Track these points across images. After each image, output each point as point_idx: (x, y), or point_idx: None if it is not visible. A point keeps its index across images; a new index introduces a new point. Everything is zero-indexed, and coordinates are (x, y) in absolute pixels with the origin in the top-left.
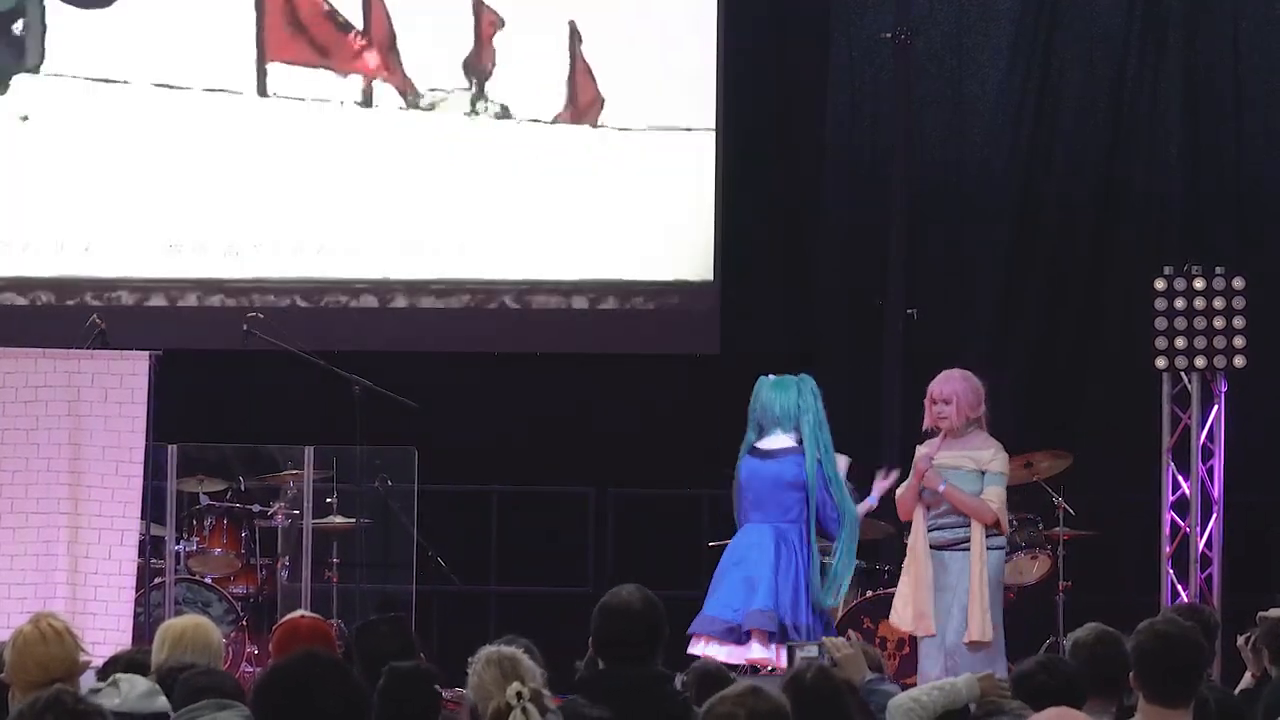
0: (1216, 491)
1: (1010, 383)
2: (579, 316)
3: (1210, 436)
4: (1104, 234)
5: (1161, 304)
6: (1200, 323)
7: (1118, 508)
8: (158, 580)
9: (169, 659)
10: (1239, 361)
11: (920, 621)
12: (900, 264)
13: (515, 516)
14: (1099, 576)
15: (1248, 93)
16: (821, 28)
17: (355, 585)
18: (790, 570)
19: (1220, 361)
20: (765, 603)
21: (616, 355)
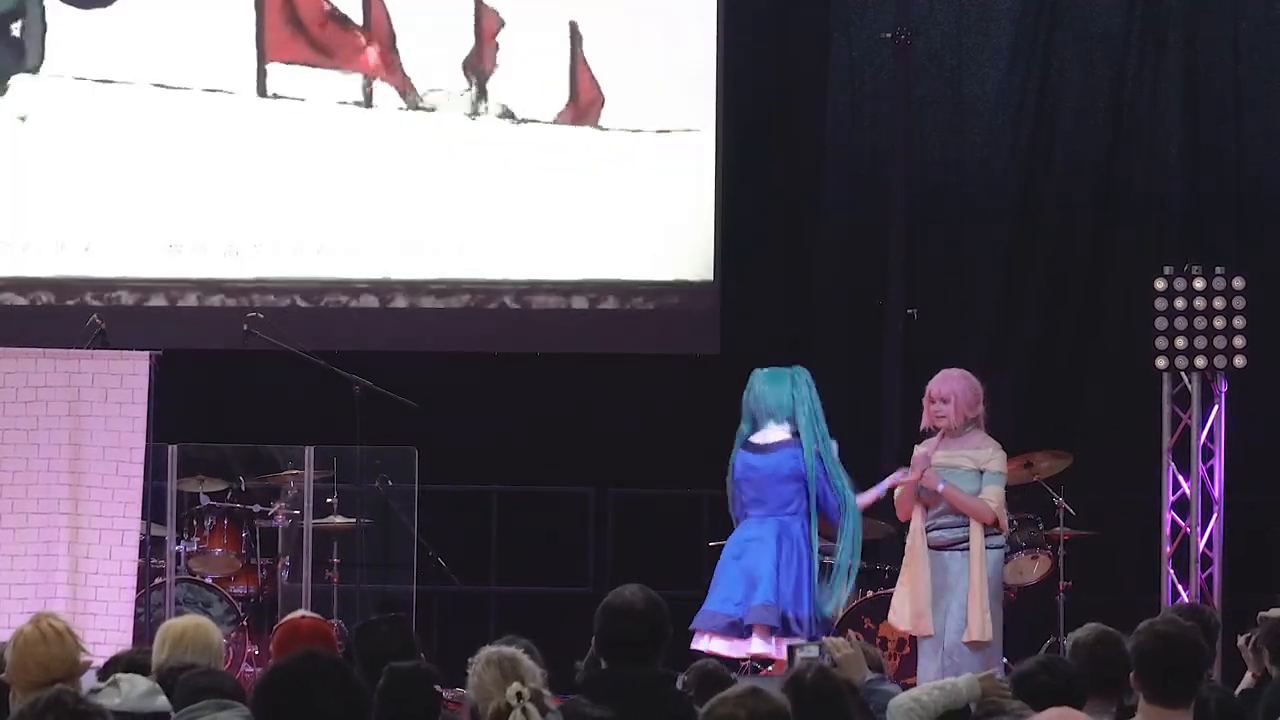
0: (1217, 491)
1: (1010, 383)
2: (579, 316)
3: (1210, 436)
4: (1104, 234)
5: (1161, 304)
6: (1200, 323)
7: (1118, 508)
8: (158, 580)
9: (169, 659)
10: (1239, 361)
11: (919, 621)
12: (900, 264)
13: (515, 516)
14: (1099, 576)
15: (1248, 93)
16: (821, 27)
17: (355, 585)
18: (793, 562)
19: (1220, 361)
20: (767, 597)
21: (616, 355)
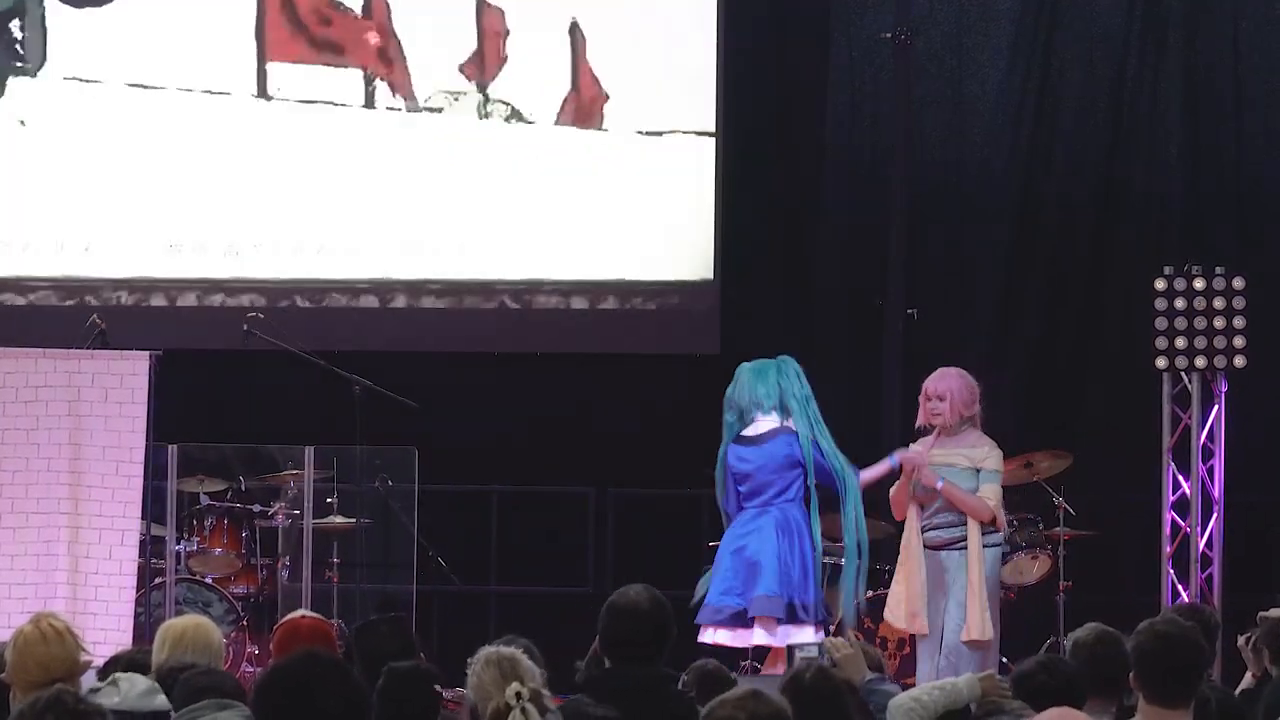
0: (1217, 491)
1: (1010, 383)
2: (579, 316)
3: (1210, 436)
4: (1104, 234)
5: (1161, 304)
6: (1200, 323)
7: (1118, 508)
8: (158, 580)
9: (169, 659)
10: (1239, 361)
11: (914, 621)
12: (900, 264)
13: (515, 516)
14: (1099, 576)
15: (1248, 93)
16: (821, 28)
17: (355, 585)
18: (796, 549)
19: (1220, 361)
20: (770, 588)
21: (616, 355)
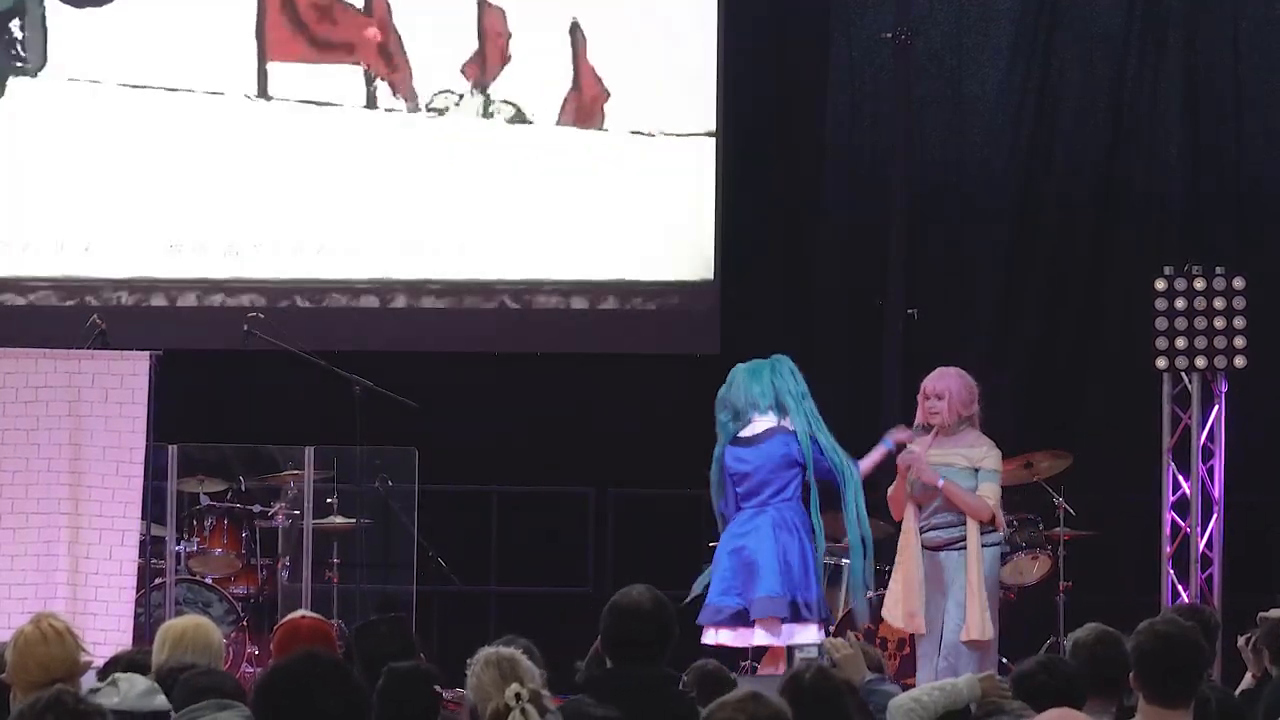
0: (1217, 491)
1: (1010, 383)
2: (579, 316)
3: (1210, 436)
4: (1104, 234)
5: (1161, 304)
6: (1200, 323)
7: (1118, 508)
8: (158, 580)
9: (169, 659)
10: (1239, 361)
11: (912, 620)
12: (900, 264)
13: (515, 516)
14: (1099, 576)
15: (1248, 93)
16: (821, 28)
17: (355, 585)
18: (795, 548)
19: (1220, 361)
20: (772, 589)
21: (616, 355)
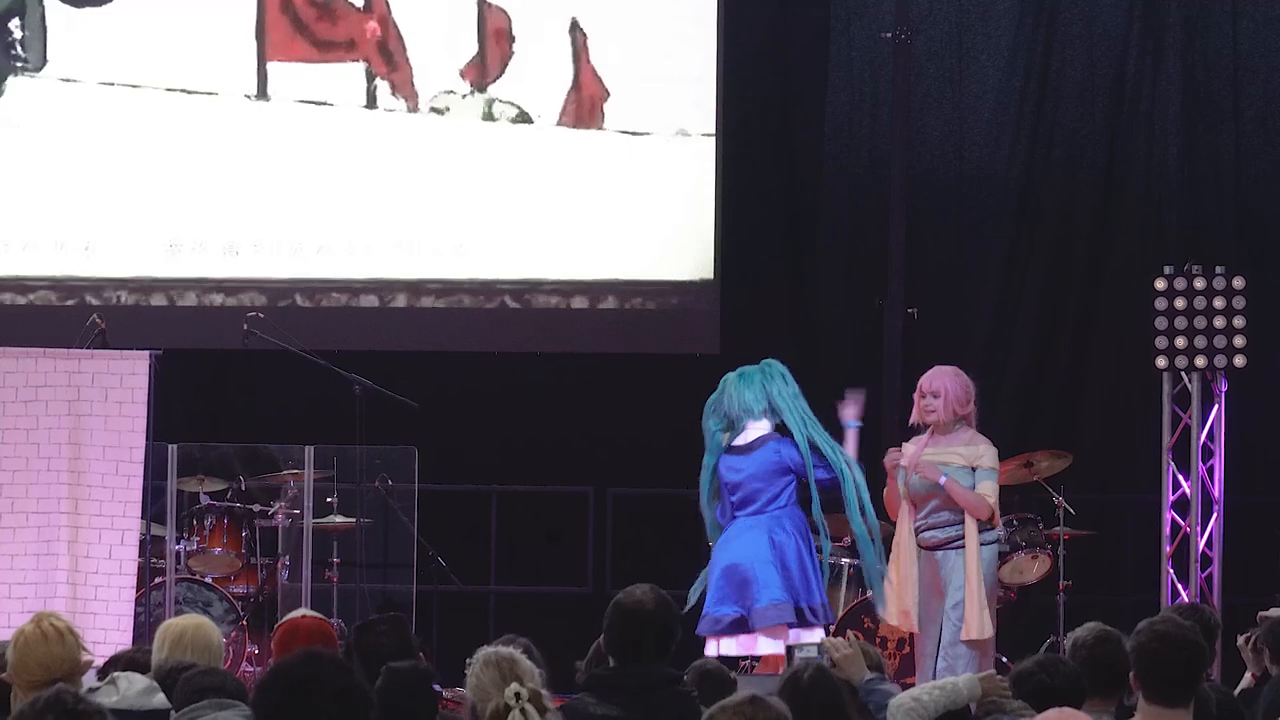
0: (1216, 491)
1: (1010, 382)
2: (579, 316)
3: (1210, 436)
4: (1104, 234)
5: (1161, 304)
6: (1200, 323)
7: (1117, 507)
8: (158, 580)
9: (169, 659)
10: (1239, 361)
11: (905, 618)
12: (900, 264)
13: (515, 516)
14: (1099, 576)
15: (1248, 93)
16: (821, 28)
17: (355, 585)
18: (793, 554)
19: (1220, 361)
20: (774, 596)
21: (616, 355)
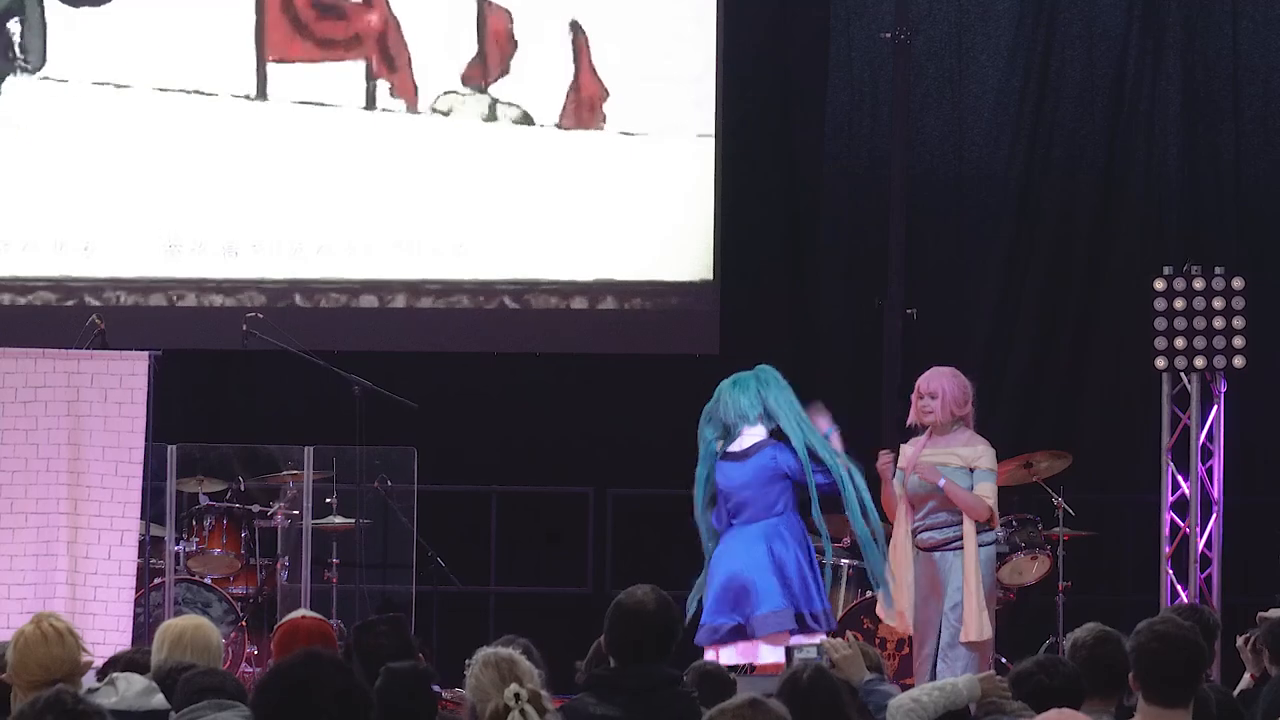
0: (1216, 491)
1: (1010, 382)
2: (578, 316)
3: (1210, 436)
4: (1103, 234)
5: (1161, 304)
6: (1200, 323)
7: (1118, 508)
8: (157, 580)
9: (168, 659)
10: (1239, 361)
11: (901, 619)
12: (900, 264)
13: (515, 516)
14: (1099, 576)
15: (1248, 93)
16: (821, 28)
17: (355, 585)
18: (791, 561)
19: (1220, 361)
20: (775, 604)
21: (616, 355)
